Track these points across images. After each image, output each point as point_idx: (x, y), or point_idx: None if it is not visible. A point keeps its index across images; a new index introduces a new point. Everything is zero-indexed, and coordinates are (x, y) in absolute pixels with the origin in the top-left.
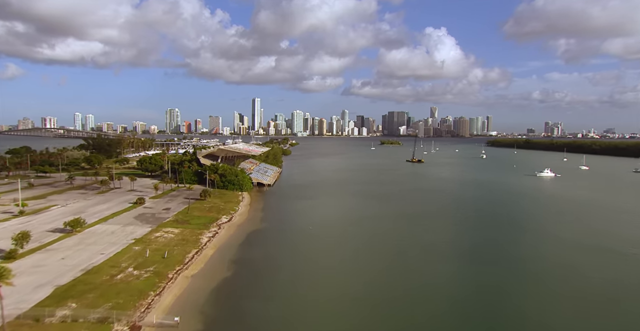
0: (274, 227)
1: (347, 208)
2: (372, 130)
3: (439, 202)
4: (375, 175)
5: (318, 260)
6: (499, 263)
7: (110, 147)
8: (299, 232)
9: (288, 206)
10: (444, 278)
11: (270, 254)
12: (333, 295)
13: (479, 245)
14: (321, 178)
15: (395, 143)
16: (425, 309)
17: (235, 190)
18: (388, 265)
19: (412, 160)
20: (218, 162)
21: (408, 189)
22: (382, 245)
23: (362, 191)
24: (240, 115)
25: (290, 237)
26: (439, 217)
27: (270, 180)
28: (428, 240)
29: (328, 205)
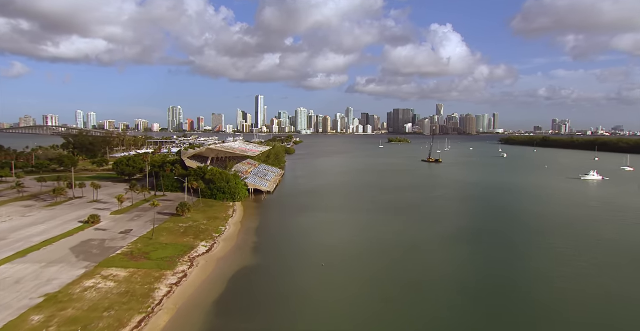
0: (270, 262)
1: (368, 227)
2: (377, 128)
3: (481, 217)
4: (391, 178)
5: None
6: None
7: (93, 145)
8: (307, 271)
9: (291, 224)
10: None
11: (265, 318)
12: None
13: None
14: (330, 182)
15: (403, 141)
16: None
17: (226, 199)
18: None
19: (428, 160)
20: (206, 165)
21: (435, 197)
22: (427, 293)
23: (381, 200)
24: (243, 112)
25: (294, 280)
26: (490, 242)
27: (271, 186)
28: (489, 286)
29: (343, 223)
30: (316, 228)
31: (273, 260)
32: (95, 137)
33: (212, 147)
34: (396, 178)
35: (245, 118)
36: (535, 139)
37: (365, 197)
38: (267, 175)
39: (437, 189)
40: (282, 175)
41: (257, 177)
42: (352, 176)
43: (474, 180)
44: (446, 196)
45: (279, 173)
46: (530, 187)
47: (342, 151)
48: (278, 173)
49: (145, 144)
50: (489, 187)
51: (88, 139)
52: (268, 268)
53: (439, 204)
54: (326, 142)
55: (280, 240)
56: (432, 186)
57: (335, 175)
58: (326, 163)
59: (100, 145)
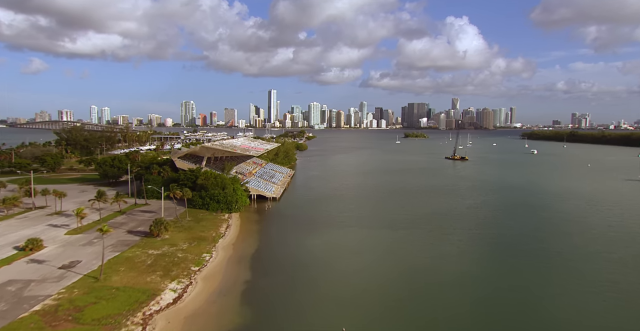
0: (267, 319)
1: (399, 253)
2: (391, 123)
3: (544, 236)
4: (415, 179)
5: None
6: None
7: (88, 142)
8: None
9: (297, 249)
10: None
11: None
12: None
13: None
14: (346, 185)
15: (420, 136)
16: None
17: (220, 210)
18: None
19: (453, 157)
20: (199, 167)
21: (475, 206)
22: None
23: (409, 210)
24: (256, 107)
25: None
26: (566, 274)
27: (277, 190)
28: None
29: (365, 247)
30: (331, 255)
31: (270, 316)
32: (92, 132)
33: (208, 146)
34: (421, 179)
35: (258, 113)
36: (562, 134)
37: (389, 204)
38: (274, 176)
39: (473, 194)
40: (292, 176)
41: (261, 180)
42: (371, 177)
43: (514, 183)
44: (488, 204)
45: (288, 174)
46: (586, 191)
47: (357, 147)
48: (287, 173)
49: (149, 140)
50: (537, 192)
51: (82, 135)
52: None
53: (482, 216)
54: (340, 137)
55: (283, 276)
56: (466, 190)
57: (351, 175)
58: (341, 161)
59: (96, 141)
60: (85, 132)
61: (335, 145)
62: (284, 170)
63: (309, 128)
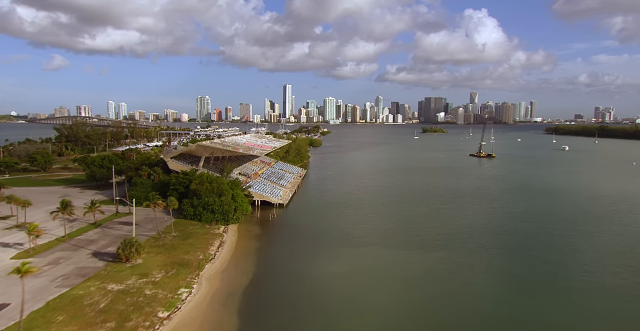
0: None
1: (442, 295)
2: (407, 117)
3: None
4: (441, 181)
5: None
6: None
7: (89, 138)
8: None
9: (304, 282)
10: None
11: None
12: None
13: None
14: (364, 188)
15: (439, 131)
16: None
17: (215, 221)
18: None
19: (478, 154)
20: (194, 169)
21: (523, 216)
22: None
23: (444, 223)
24: (271, 102)
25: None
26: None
27: (285, 195)
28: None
29: (394, 280)
30: (346, 289)
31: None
32: (96, 127)
33: (205, 144)
34: (447, 180)
35: (273, 108)
36: (591, 128)
37: (415, 213)
38: (284, 177)
39: (513, 199)
40: (304, 177)
41: (268, 182)
42: (391, 177)
43: (556, 185)
44: (535, 212)
45: (299, 174)
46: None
47: (374, 143)
48: (298, 173)
49: (157, 136)
50: (589, 196)
51: (83, 131)
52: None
53: (533, 230)
54: (355, 133)
55: (283, 322)
56: (502, 193)
57: (368, 175)
58: (357, 159)
59: (98, 137)
60: (88, 127)
61: (351, 141)
62: (295, 170)
63: (324, 123)
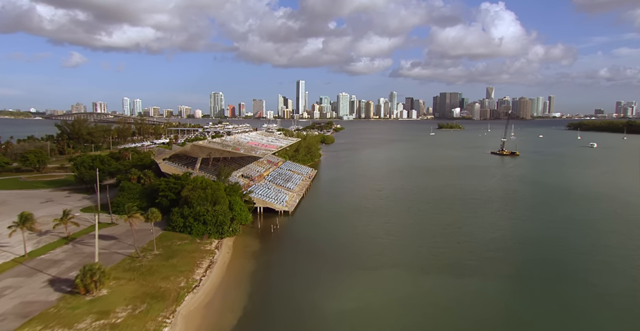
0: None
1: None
2: (422, 113)
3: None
4: (465, 182)
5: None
6: None
7: (92, 135)
8: None
9: (309, 320)
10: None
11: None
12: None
13: None
14: (380, 191)
15: (455, 127)
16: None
17: (208, 233)
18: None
19: (500, 152)
20: (187, 172)
21: (570, 228)
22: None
23: (476, 237)
24: (284, 98)
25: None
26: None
27: (291, 201)
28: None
29: (419, 317)
30: (361, 327)
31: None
32: (100, 124)
33: (202, 144)
34: (472, 181)
35: (286, 104)
36: (617, 124)
37: (440, 223)
38: (291, 179)
39: (548, 206)
40: (313, 178)
41: (273, 185)
42: (409, 178)
43: (594, 187)
44: (580, 224)
45: (309, 175)
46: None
47: (389, 139)
48: (307, 174)
49: (165, 133)
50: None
51: (86, 128)
52: None
53: (584, 247)
54: (369, 129)
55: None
56: (536, 198)
57: (384, 176)
58: (371, 157)
59: (100, 135)
60: (92, 123)
61: (365, 138)
62: (304, 170)
63: (337, 119)
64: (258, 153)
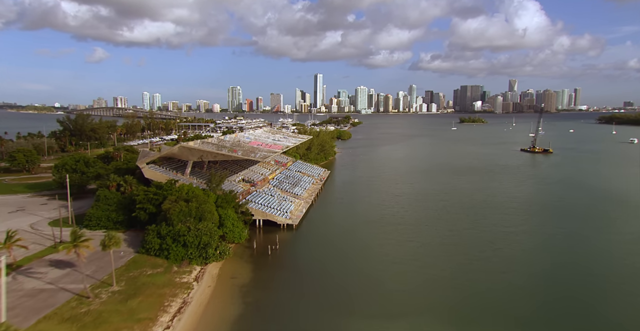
0: None
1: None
2: (442, 107)
3: None
4: (498, 186)
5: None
6: None
7: (95, 132)
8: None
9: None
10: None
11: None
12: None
13: None
14: (401, 197)
15: (478, 121)
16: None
17: (189, 258)
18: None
19: (531, 149)
20: (172, 179)
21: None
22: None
23: (532, 266)
24: (302, 92)
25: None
26: None
27: (296, 211)
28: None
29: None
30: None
31: None
32: (106, 120)
33: (191, 146)
34: (505, 185)
35: (304, 98)
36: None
37: (475, 243)
38: (300, 182)
39: (610, 219)
40: (325, 180)
41: (278, 191)
42: (432, 180)
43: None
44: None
45: (321, 177)
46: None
47: (408, 135)
48: (319, 176)
49: (176, 128)
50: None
51: (89, 124)
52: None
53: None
54: (388, 123)
55: None
56: (587, 208)
57: (405, 177)
58: (390, 155)
59: (105, 131)
60: (96, 119)
61: (383, 133)
62: (316, 171)
63: (355, 113)
64: (258, 157)
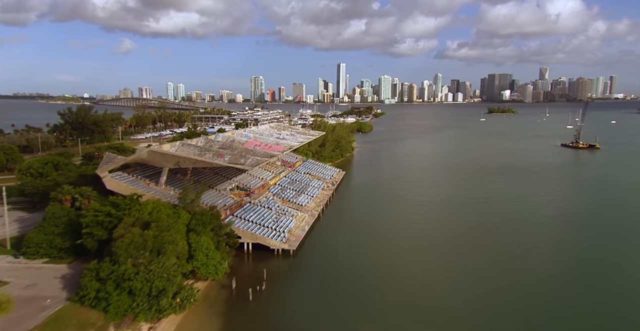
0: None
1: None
2: (468, 96)
3: None
4: (546, 193)
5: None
6: None
7: (97, 126)
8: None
9: None
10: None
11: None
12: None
13: None
14: (427, 209)
15: (508, 112)
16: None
17: (134, 312)
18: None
19: (574, 145)
20: (132, 195)
21: None
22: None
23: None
24: (324, 82)
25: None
26: None
27: (296, 231)
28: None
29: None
30: None
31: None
32: (108, 114)
33: (164, 151)
34: (553, 193)
35: (326, 87)
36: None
37: (525, 281)
38: (308, 188)
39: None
40: (338, 184)
41: (278, 201)
42: (463, 184)
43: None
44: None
45: (333, 180)
46: None
47: (434, 126)
48: (332, 179)
49: (189, 120)
50: None
51: (90, 117)
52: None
53: None
54: (412, 114)
55: None
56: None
57: (431, 179)
58: (414, 151)
59: (109, 124)
60: (93, 113)
61: (407, 125)
62: (328, 173)
63: (378, 103)
64: (248, 164)
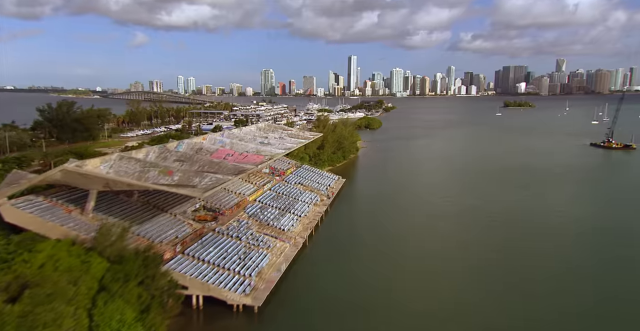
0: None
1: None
2: (482, 89)
3: None
4: (579, 202)
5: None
6: None
7: (79, 123)
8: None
9: None
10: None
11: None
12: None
13: None
14: (439, 227)
15: (525, 105)
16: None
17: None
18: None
19: (606, 144)
20: (34, 235)
21: None
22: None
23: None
24: (335, 75)
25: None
26: None
27: (267, 274)
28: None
29: None
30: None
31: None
32: (95, 110)
33: (85, 172)
34: (587, 203)
35: (337, 80)
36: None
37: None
38: (296, 204)
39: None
40: (334, 197)
41: (253, 226)
42: (482, 193)
43: None
44: None
45: (329, 192)
46: None
47: (448, 121)
48: (328, 189)
49: (187, 116)
50: None
51: (71, 114)
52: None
53: None
54: (424, 108)
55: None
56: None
57: (444, 185)
58: (426, 151)
59: (94, 121)
60: (75, 110)
61: (419, 120)
62: (325, 182)
63: (390, 96)
64: (201, 185)
